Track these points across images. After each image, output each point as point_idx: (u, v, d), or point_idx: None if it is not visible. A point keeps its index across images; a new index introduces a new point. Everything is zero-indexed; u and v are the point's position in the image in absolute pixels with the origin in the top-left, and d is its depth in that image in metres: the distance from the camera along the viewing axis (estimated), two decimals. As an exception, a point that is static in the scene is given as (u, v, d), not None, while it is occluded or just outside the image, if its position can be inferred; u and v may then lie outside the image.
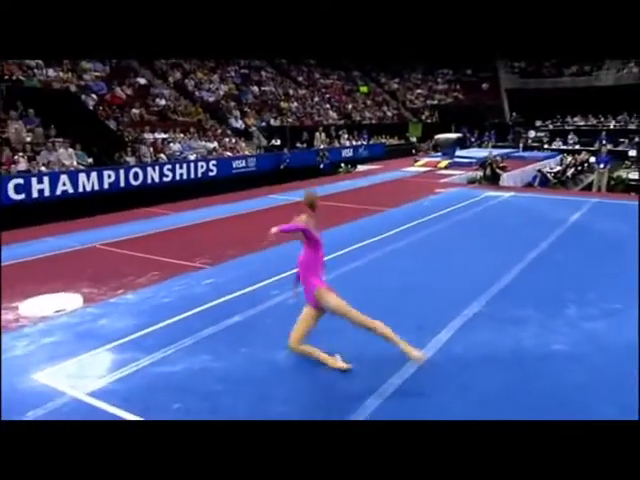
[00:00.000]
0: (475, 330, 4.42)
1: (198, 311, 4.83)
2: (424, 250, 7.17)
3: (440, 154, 19.16)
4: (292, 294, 4.18)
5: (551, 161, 18.96)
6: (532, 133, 25.94)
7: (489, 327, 4.48)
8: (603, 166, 14.88)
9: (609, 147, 18.56)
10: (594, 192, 14.25)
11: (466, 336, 4.29)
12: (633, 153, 20.63)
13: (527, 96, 26.76)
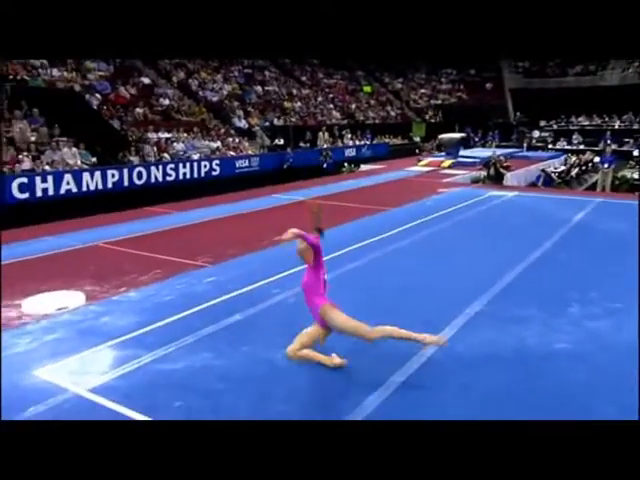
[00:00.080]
0: (477, 329, 4.40)
1: (199, 309, 4.83)
2: (427, 249, 7.15)
3: (444, 154, 19.13)
4: None
5: (555, 161, 18.89)
6: (536, 133, 25.86)
7: (491, 326, 4.46)
8: (607, 166, 14.83)
9: (614, 147, 18.49)
10: (598, 192, 14.20)
11: (468, 335, 4.28)
12: (638, 153, 20.54)
13: (531, 96, 26.69)
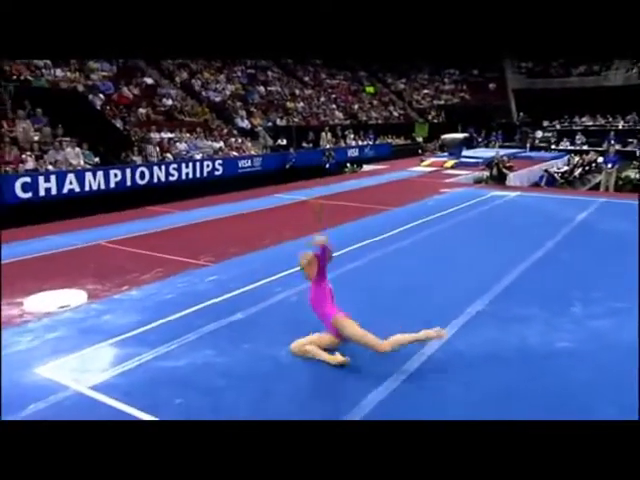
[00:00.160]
0: (479, 328, 4.39)
1: (201, 307, 4.83)
2: (428, 249, 7.13)
3: (446, 154, 19.10)
4: None
5: (558, 161, 18.84)
6: (539, 133, 25.79)
7: (493, 325, 4.44)
8: (611, 166, 14.77)
9: (617, 147, 18.42)
10: (602, 192, 14.14)
11: (469, 334, 4.26)
12: (641, 153, 20.49)
13: (534, 96, 26.63)
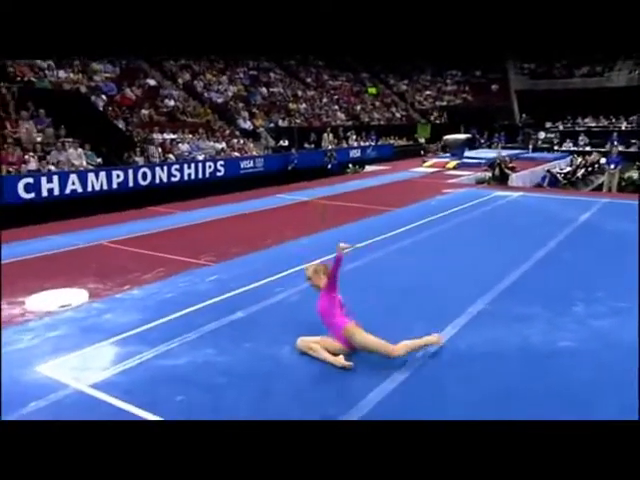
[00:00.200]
0: (480, 327, 4.37)
1: (202, 307, 4.83)
2: (430, 249, 7.12)
3: (449, 155, 19.09)
4: None
5: (561, 162, 18.80)
6: (542, 134, 25.74)
7: (495, 324, 4.42)
8: (614, 167, 14.74)
9: (620, 148, 18.39)
10: (604, 192, 14.10)
11: (471, 333, 4.25)
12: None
13: (537, 97, 26.60)
